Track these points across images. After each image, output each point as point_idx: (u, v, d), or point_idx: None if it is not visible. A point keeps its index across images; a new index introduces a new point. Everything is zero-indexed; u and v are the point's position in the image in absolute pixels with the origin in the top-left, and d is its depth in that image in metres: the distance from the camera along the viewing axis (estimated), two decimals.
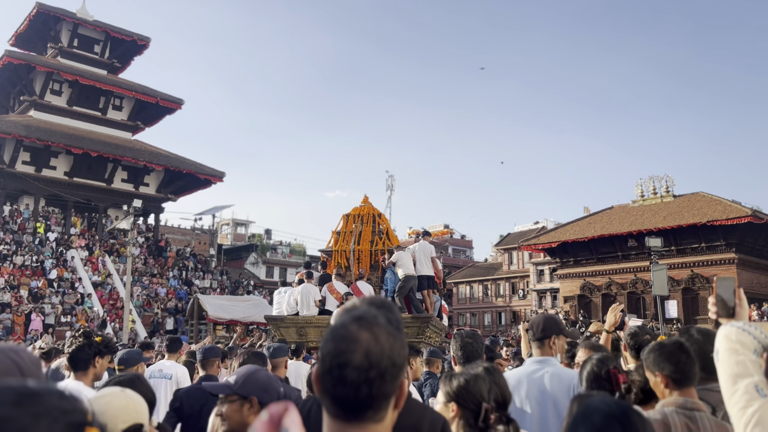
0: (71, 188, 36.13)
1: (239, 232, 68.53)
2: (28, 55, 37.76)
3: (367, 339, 1.16)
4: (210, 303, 28.05)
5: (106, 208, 38.17)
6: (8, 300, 26.70)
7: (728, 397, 1.87)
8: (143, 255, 35.62)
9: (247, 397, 2.51)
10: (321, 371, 1.18)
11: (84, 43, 40.52)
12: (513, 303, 56.35)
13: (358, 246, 13.36)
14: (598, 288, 38.40)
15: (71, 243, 33.29)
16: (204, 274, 37.33)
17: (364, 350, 1.15)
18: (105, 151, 35.79)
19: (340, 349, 1.16)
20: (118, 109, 40.50)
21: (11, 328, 25.24)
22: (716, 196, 35.80)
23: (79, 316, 27.70)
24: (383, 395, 1.17)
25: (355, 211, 14.04)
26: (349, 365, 1.14)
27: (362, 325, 1.18)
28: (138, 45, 42.46)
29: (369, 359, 1.15)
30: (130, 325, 26.85)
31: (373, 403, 1.16)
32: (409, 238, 73.49)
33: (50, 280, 29.60)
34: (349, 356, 1.14)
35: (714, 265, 34.25)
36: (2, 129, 32.64)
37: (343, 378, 1.14)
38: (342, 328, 1.18)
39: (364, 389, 1.14)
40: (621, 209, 39.73)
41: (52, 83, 37.86)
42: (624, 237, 36.49)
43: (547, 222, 57.85)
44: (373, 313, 1.22)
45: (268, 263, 58.96)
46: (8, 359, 1.36)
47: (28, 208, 34.84)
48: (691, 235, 34.60)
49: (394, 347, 1.18)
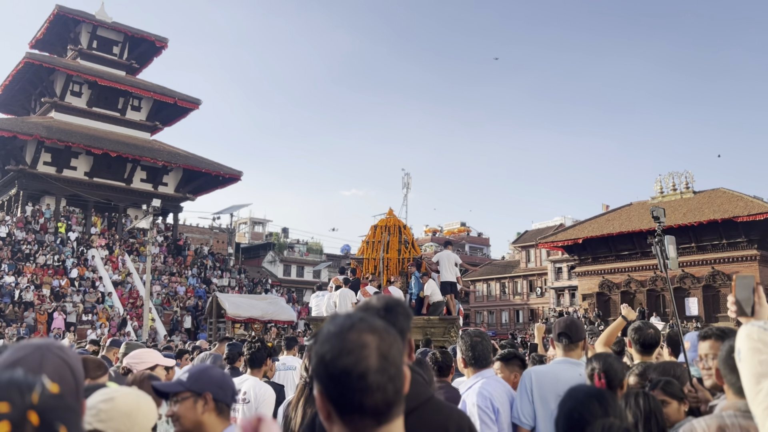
0: (91, 188, 36.56)
1: (257, 231, 68.88)
2: (49, 57, 38.23)
3: (373, 340, 1.15)
4: (228, 301, 28.28)
5: (126, 207, 38.56)
6: (31, 299, 27.09)
7: (752, 398, 1.82)
8: (162, 254, 35.95)
9: (201, 393, 2.36)
10: (339, 392, 1.13)
11: (103, 44, 40.95)
12: (531, 301, 56.06)
13: (386, 254, 14.73)
14: (617, 285, 38.04)
15: (92, 242, 33.69)
16: (222, 272, 37.59)
17: (376, 352, 1.14)
18: (124, 151, 36.15)
19: (353, 360, 1.12)
20: (136, 110, 40.88)
21: (34, 326, 25.62)
22: (737, 191, 35.28)
23: (99, 315, 28.03)
24: (402, 387, 1.18)
25: (382, 222, 15.48)
26: (369, 372, 1.12)
27: (361, 329, 1.16)
28: (156, 46, 42.84)
29: (386, 358, 1.14)
30: (150, 324, 27.12)
31: (398, 398, 1.17)
32: (425, 236, 73.43)
33: (72, 279, 29.99)
34: (366, 363, 1.12)
35: (735, 262, 33.78)
36: (24, 130, 33.11)
37: (368, 386, 1.11)
38: (344, 341, 1.14)
39: (390, 388, 1.13)
40: (640, 206, 39.30)
41: (72, 84, 38.32)
42: (643, 234, 36.06)
43: (565, 219, 57.43)
44: (359, 316, 1.19)
45: (286, 262, 59.20)
46: (58, 357, 1.38)
47: (49, 208, 35.31)
48: (712, 232, 34.15)
49: (395, 339, 1.19)
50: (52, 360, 1.35)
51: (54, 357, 1.36)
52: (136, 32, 41.45)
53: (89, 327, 26.40)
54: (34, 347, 1.37)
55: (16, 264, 29.18)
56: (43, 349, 1.37)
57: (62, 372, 1.35)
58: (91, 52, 40.17)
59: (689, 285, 35.08)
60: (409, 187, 38.56)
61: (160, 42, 42.63)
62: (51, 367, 1.33)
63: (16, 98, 41.43)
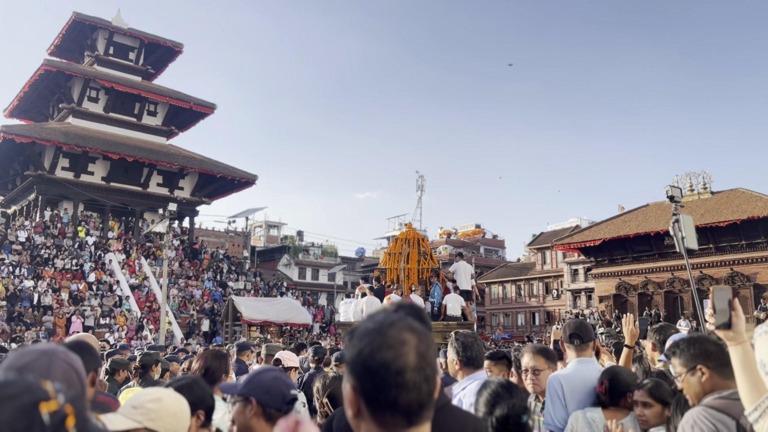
0: (108, 193, 36.90)
1: (272, 234, 69.16)
2: (66, 64, 38.68)
3: (412, 338, 1.15)
4: (244, 304, 28.38)
5: (143, 212, 38.88)
6: (50, 302, 27.39)
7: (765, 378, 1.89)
8: (179, 258, 36.19)
9: (248, 397, 2.39)
10: (374, 386, 1.13)
11: (119, 50, 41.37)
12: (547, 303, 55.70)
13: (407, 265, 16.12)
14: (634, 287, 37.70)
15: (109, 246, 34.00)
16: (238, 275, 37.76)
17: (415, 350, 1.14)
18: (141, 156, 36.46)
19: (392, 356, 1.12)
20: (152, 115, 41.22)
21: (53, 330, 25.89)
22: (756, 191, 34.85)
23: (117, 318, 28.27)
24: (435, 389, 1.17)
25: (402, 235, 16.92)
26: (407, 368, 1.12)
27: (401, 327, 1.16)
28: (172, 51, 43.21)
29: (423, 357, 1.14)
30: (167, 327, 27.30)
31: (431, 400, 1.16)
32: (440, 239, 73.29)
33: (89, 283, 30.27)
34: (405, 360, 1.12)
35: (754, 263, 33.36)
36: (42, 136, 33.52)
37: (404, 383, 1.11)
38: (385, 336, 1.15)
39: (425, 388, 1.13)
40: (657, 207, 38.93)
41: (89, 90, 38.73)
42: (660, 235, 35.70)
43: (581, 221, 57.05)
44: (399, 315, 1.20)
45: (301, 265, 59.37)
46: (65, 362, 1.39)
47: (67, 213, 35.69)
48: (730, 233, 33.74)
49: (430, 339, 1.19)
50: (59, 365, 1.37)
51: (61, 362, 1.38)
52: (152, 38, 41.83)
53: (107, 330, 26.65)
54: (40, 352, 1.38)
55: (35, 268, 29.52)
56: (50, 354, 1.38)
57: (70, 376, 1.37)
58: (107, 58, 40.60)
59: (707, 286, 34.66)
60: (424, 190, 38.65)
61: (176, 47, 42.99)
62: (59, 372, 1.35)
63: (34, 105, 41.96)
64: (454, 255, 18.74)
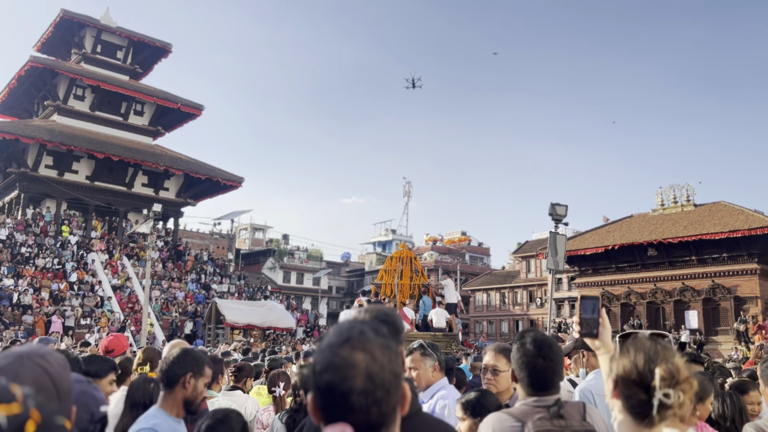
0: (92, 192, 36.56)
1: (257, 237, 68.84)
2: (52, 61, 38.34)
3: (364, 359, 1.10)
4: (227, 307, 28.22)
5: (127, 212, 38.56)
6: (30, 302, 27.04)
7: None
8: (162, 259, 35.91)
9: None
10: (322, 404, 1.11)
11: (107, 49, 41.07)
12: (530, 311, 55.90)
13: (400, 281, 17.98)
14: (617, 297, 37.96)
15: (92, 246, 33.66)
16: (222, 278, 37.54)
17: (364, 373, 1.09)
18: (126, 155, 36.17)
19: (338, 378, 1.09)
20: (139, 115, 40.95)
21: (32, 329, 25.55)
22: (738, 205, 35.26)
23: (99, 319, 27.97)
24: (392, 409, 1.13)
25: (397, 254, 18.91)
26: (353, 392, 1.08)
27: (353, 346, 1.12)
28: (160, 51, 42.98)
29: (372, 380, 1.09)
30: (149, 329, 27.06)
31: (385, 421, 1.12)
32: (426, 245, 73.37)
33: (71, 282, 29.94)
34: (351, 383, 1.08)
35: (736, 275, 33.72)
36: (26, 133, 33.15)
37: (350, 406, 1.08)
38: (334, 356, 1.11)
39: (374, 411, 1.10)
40: (641, 218, 39.28)
41: (75, 88, 38.40)
42: (644, 246, 36.07)
43: (565, 230, 57.33)
44: (359, 329, 1.15)
45: (286, 268, 59.11)
46: (36, 366, 1.37)
47: (50, 212, 35.30)
48: (713, 245, 34.08)
49: (391, 359, 1.14)
50: (31, 369, 1.36)
51: (33, 365, 1.37)
52: (141, 37, 41.59)
53: (87, 331, 26.34)
54: (15, 356, 1.38)
55: (15, 267, 29.16)
56: (23, 358, 1.37)
57: (41, 380, 1.36)
58: (95, 56, 40.29)
59: (689, 298, 35.00)
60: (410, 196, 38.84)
61: (164, 47, 42.77)
62: (29, 376, 1.34)
63: (19, 101, 41.54)
64: (440, 262, 24.45)
